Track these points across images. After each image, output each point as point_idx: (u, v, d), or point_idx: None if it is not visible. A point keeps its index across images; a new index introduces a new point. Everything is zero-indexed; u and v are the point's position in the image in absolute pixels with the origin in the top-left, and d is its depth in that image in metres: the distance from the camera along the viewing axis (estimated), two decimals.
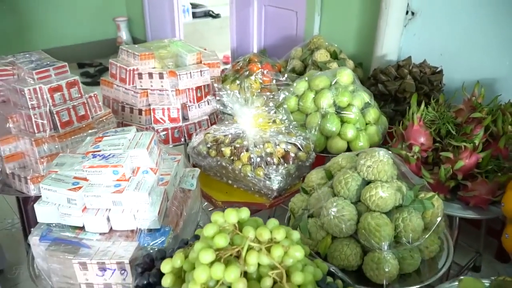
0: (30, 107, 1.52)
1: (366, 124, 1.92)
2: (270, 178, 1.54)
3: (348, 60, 2.58)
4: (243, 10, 3.42)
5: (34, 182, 1.58)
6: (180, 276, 0.87)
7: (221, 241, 0.80)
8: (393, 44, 2.57)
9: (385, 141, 1.95)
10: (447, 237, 1.41)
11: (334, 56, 2.53)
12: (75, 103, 1.61)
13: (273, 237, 0.82)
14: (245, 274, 0.81)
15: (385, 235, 1.19)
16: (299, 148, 1.65)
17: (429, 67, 2.30)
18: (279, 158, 1.58)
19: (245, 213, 0.87)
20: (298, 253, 0.81)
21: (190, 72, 1.86)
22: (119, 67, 1.91)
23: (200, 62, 1.97)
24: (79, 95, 1.63)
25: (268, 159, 1.56)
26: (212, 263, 0.78)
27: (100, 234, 1.18)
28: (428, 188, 1.33)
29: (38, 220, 1.20)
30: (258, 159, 1.57)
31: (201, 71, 1.89)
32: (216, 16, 5.35)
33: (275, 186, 1.54)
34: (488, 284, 1.10)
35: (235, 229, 0.84)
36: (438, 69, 2.29)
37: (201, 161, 1.70)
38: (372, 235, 1.19)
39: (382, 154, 1.27)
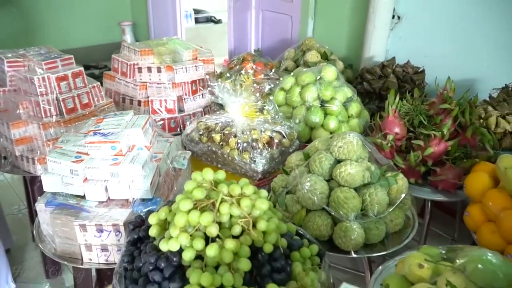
0: (39, 94, 1.68)
1: (349, 117, 2.06)
2: (255, 161, 1.68)
3: (338, 61, 2.73)
4: (241, 14, 3.59)
5: (41, 163, 1.74)
6: (165, 227, 1.02)
7: (198, 194, 0.95)
8: (380, 46, 2.72)
9: (366, 134, 2.09)
10: (414, 216, 1.55)
11: (325, 57, 2.68)
12: (79, 92, 1.77)
13: (243, 192, 0.97)
14: (220, 225, 0.96)
15: (352, 207, 1.33)
16: (283, 136, 1.80)
17: (412, 67, 2.45)
18: (264, 143, 1.73)
19: (221, 174, 1.02)
20: (263, 205, 0.95)
21: (186, 67, 2.02)
22: (121, 62, 2.07)
23: (196, 58, 2.13)
24: (83, 85, 1.79)
25: (254, 144, 1.71)
26: (189, 211, 0.93)
27: (99, 202, 1.33)
28: (394, 168, 1.47)
29: (44, 189, 1.35)
30: (245, 144, 1.71)
31: (196, 66, 2.05)
32: (218, 21, 5.53)
33: (260, 168, 1.68)
34: (444, 251, 1.23)
35: (211, 185, 0.99)
36: (420, 69, 2.44)
37: (193, 147, 1.85)
38: (341, 206, 1.33)
39: (352, 136, 1.42)
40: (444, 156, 1.71)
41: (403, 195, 1.42)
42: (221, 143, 1.76)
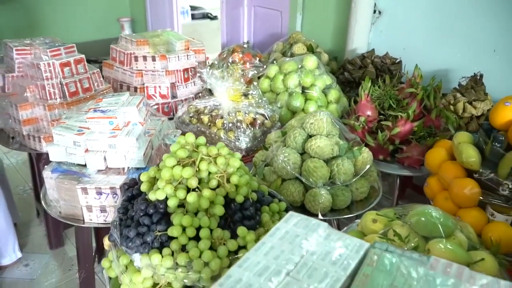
0: (44, 78, 1.86)
1: (328, 102, 2.24)
2: (239, 139, 1.87)
3: (323, 53, 2.91)
4: (234, 10, 3.77)
5: (46, 141, 1.92)
6: (154, 183, 1.20)
7: (182, 153, 1.13)
8: (362, 39, 2.90)
9: (344, 118, 2.28)
10: (379, 188, 1.73)
11: (311, 49, 2.86)
12: (81, 77, 1.96)
13: (219, 153, 1.15)
14: (200, 181, 1.15)
15: (321, 175, 1.51)
16: (266, 118, 1.98)
17: (389, 58, 2.63)
18: (247, 124, 1.91)
19: (201, 139, 1.21)
20: (236, 163, 1.14)
21: (178, 56, 2.20)
22: (119, 51, 2.26)
23: (188, 48, 2.32)
24: (84, 71, 1.97)
25: (238, 124, 1.90)
26: (174, 167, 1.11)
27: (98, 170, 1.51)
28: (360, 143, 1.66)
29: (50, 159, 1.53)
30: (230, 125, 1.90)
31: (187, 55, 2.24)
32: (214, 18, 5.71)
33: (243, 146, 1.87)
34: (397, 211, 1.41)
35: (193, 147, 1.17)
36: (398, 60, 2.62)
37: (184, 128, 2.03)
38: (311, 175, 1.52)
39: (322, 114, 1.60)
40: (410, 135, 1.89)
41: (367, 166, 1.60)
42: (209, 124, 1.94)
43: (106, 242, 1.23)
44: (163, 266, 1.02)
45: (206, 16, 5.71)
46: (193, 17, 5.56)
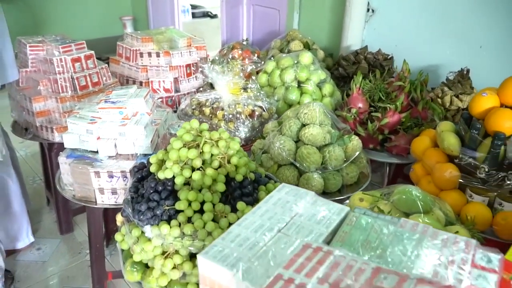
0: (57, 72, 1.99)
1: (323, 96, 2.37)
2: (238, 129, 2.00)
3: (319, 50, 3.04)
4: (233, 8, 3.90)
5: (58, 131, 2.05)
6: (162, 165, 1.33)
7: (187, 137, 1.26)
8: (356, 36, 3.03)
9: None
10: (369, 174, 1.86)
11: (307, 46, 2.99)
12: (90, 72, 2.09)
13: (220, 137, 1.29)
14: (203, 162, 1.28)
15: (314, 161, 1.65)
16: (263, 110, 2.11)
17: (382, 55, 2.76)
18: (246, 115, 2.05)
19: (204, 125, 1.34)
20: (236, 146, 1.27)
21: (181, 52, 2.34)
22: (125, 48, 2.39)
23: (190, 45, 2.45)
24: (94, 66, 2.11)
25: (238, 115, 2.03)
26: (180, 149, 1.24)
27: (109, 156, 1.65)
28: (351, 131, 1.79)
29: (65, 146, 1.66)
30: (230, 116, 2.03)
31: (190, 51, 2.37)
32: (214, 16, 5.84)
33: (242, 135, 2.00)
34: (383, 192, 1.55)
35: (197, 132, 1.30)
36: (389, 56, 2.75)
37: (187, 119, 2.16)
38: (304, 160, 1.65)
39: (315, 105, 1.73)
40: (398, 125, 2.03)
41: (357, 153, 1.73)
42: (210, 115, 2.07)
43: (119, 218, 1.37)
44: (171, 236, 1.16)
45: (206, 14, 5.84)
46: (194, 15, 5.70)
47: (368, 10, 2.99)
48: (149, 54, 2.34)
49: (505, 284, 0.87)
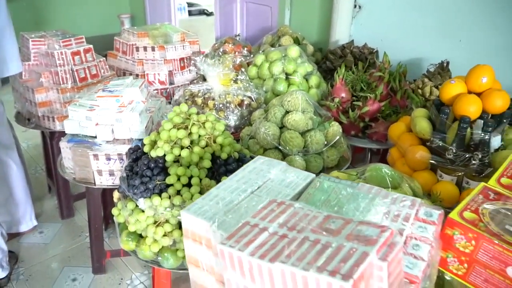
0: (57, 65, 2.13)
1: (309, 87, 2.50)
2: (228, 118, 2.13)
3: (309, 45, 3.17)
4: (227, 6, 4.04)
5: (59, 120, 2.19)
6: (154, 145, 1.47)
7: (177, 119, 1.40)
8: (344, 32, 3.16)
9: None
10: (349, 158, 1.99)
11: (297, 42, 3.12)
12: (89, 64, 2.22)
13: (207, 119, 1.42)
14: (191, 142, 1.41)
15: (296, 144, 1.78)
16: (252, 100, 2.25)
17: (367, 48, 2.90)
18: (236, 105, 2.18)
19: (193, 109, 1.48)
20: (221, 127, 1.41)
21: (175, 46, 2.47)
22: (122, 43, 2.52)
23: (184, 40, 2.58)
24: (92, 59, 2.24)
25: (228, 105, 2.16)
26: (170, 129, 1.38)
27: (107, 141, 1.78)
28: (331, 118, 1.92)
29: (66, 132, 1.80)
30: (221, 105, 2.16)
31: (183, 46, 2.50)
32: (210, 14, 5.96)
33: (232, 123, 2.13)
34: (359, 171, 1.68)
35: (186, 115, 1.44)
36: (374, 50, 2.89)
37: None
38: (287, 144, 1.79)
39: (298, 93, 1.87)
40: (378, 113, 2.16)
41: (337, 138, 1.87)
42: (202, 105, 2.21)
43: (116, 194, 1.50)
44: (162, 206, 1.30)
45: (202, 12, 5.97)
46: (190, 13, 5.82)
47: (355, 6, 3.11)
48: (145, 48, 2.47)
49: (447, 238, 1.01)
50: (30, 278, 2.18)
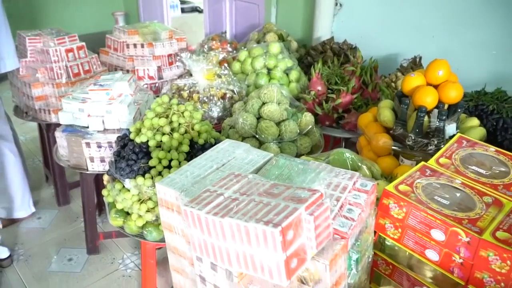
0: (53, 61, 2.29)
1: (290, 82, 2.67)
2: (211, 110, 2.30)
3: (293, 41, 3.33)
4: (216, 4, 4.20)
5: (55, 113, 2.35)
6: (139, 133, 1.64)
7: (159, 109, 1.57)
8: (326, 29, 3.33)
9: None
10: (322, 146, 2.16)
11: (282, 38, 3.28)
12: (82, 61, 2.39)
13: (186, 109, 1.59)
14: (172, 130, 1.58)
15: (271, 133, 1.95)
16: (234, 93, 2.42)
17: (346, 44, 3.06)
18: (219, 97, 2.35)
19: (174, 100, 1.65)
20: (198, 116, 1.58)
21: (163, 43, 2.63)
22: (113, 40, 2.69)
23: (171, 37, 2.75)
24: (85, 56, 2.41)
25: (211, 98, 2.33)
26: (153, 118, 1.55)
27: (98, 131, 1.95)
28: (304, 108, 2.10)
29: (61, 122, 1.96)
30: (205, 98, 2.33)
31: (171, 43, 2.67)
32: (202, 11, 6.11)
33: (215, 115, 2.31)
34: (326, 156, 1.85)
35: (168, 105, 1.61)
36: (353, 46, 3.05)
37: None
38: (263, 132, 1.96)
39: (273, 87, 2.04)
40: (351, 105, 2.34)
41: (309, 127, 2.04)
42: (188, 98, 2.37)
43: (106, 177, 1.67)
44: (145, 186, 1.47)
45: (195, 9, 6.12)
46: (183, 10, 5.97)
47: (336, 4, 3.27)
48: (135, 45, 2.63)
49: (385, 207, 1.18)
50: (29, 258, 2.36)
